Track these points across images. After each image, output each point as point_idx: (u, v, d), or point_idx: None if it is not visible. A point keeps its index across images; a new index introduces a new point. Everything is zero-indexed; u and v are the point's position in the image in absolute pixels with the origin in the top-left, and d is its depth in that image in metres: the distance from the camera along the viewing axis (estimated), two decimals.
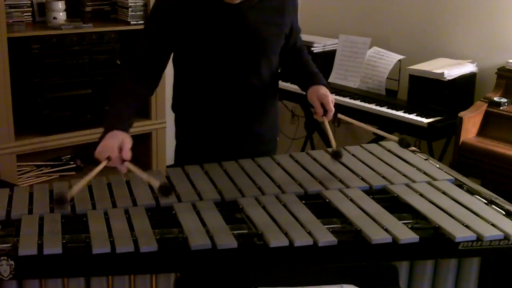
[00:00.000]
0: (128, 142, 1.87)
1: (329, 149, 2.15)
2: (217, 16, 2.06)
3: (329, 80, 3.84)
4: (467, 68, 3.34)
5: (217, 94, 2.15)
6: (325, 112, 2.09)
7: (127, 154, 1.83)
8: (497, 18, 3.35)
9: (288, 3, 2.17)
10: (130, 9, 3.68)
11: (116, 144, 1.83)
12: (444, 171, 2.09)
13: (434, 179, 2.01)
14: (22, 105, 3.54)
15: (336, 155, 2.07)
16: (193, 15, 2.06)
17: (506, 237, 1.67)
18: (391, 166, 2.10)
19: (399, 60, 3.59)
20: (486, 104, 3.11)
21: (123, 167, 1.83)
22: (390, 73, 3.58)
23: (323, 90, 2.13)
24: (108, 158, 1.80)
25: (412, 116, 3.23)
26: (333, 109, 2.10)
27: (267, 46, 2.15)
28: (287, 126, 4.37)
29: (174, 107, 2.29)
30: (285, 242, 1.60)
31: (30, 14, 3.60)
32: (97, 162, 1.81)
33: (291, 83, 2.26)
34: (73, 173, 3.76)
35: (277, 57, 2.22)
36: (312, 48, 3.84)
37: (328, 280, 1.54)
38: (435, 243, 1.68)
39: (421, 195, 1.89)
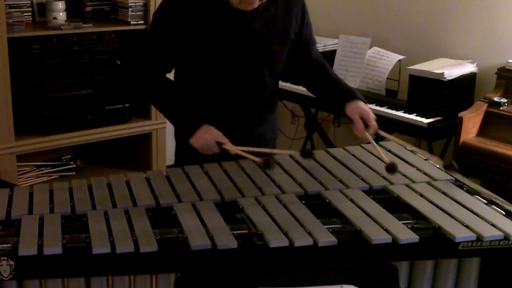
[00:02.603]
0: (218, 132, 2.04)
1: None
2: (221, 24, 2.05)
3: None
4: (467, 68, 3.34)
5: (218, 100, 2.15)
6: (366, 127, 2.09)
7: (226, 142, 2.03)
8: (497, 18, 3.35)
9: (295, 10, 2.15)
10: (130, 9, 3.68)
11: (217, 135, 2.02)
12: (444, 171, 2.09)
13: (434, 179, 2.01)
14: (22, 105, 3.54)
15: (392, 169, 2.01)
16: (197, 21, 2.05)
17: (506, 237, 1.67)
18: None
19: (399, 60, 3.59)
20: (486, 104, 3.11)
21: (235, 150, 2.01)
22: (390, 73, 3.58)
23: (363, 105, 2.13)
24: (220, 145, 2.01)
25: (412, 116, 3.23)
26: (376, 125, 2.09)
27: (271, 56, 2.15)
28: (287, 126, 4.37)
29: None
30: (285, 242, 1.60)
31: (30, 14, 3.60)
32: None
33: (318, 97, 2.15)
34: (73, 173, 3.76)
35: (282, 63, 2.21)
36: None
37: (328, 280, 1.54)
38: (435, 243, 1.68)
39: (421, 195, 1.89)
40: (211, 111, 2.16)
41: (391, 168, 1.99)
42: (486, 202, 1.88)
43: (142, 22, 3.72)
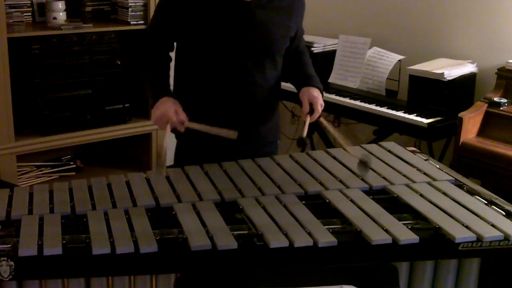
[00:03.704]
0: (179, 105, 2.02)
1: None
2: (225, 12, 2.07)
3: (329, 80, 3.84)
4: (467, 68, 3.34)
5: (221, 92, 2.14)
6: (311, 111, 2.11)
7: (183, 115, 2.00)
8: (497, 18, 3.35)
9: (296, 5, 2.18)
10: (130, 9, 3.68)
11: (172, 109, 1.99)
12: (444, 172, 2.09)
13: (434, 180, 2.01)
14: (22, 105, 3.54)
15: (301, 143, 2.05)
16: (201, 9, 2.06)
17: (506, 237, 1.67)
18: (391, 167, 2.11)
19: (399, 60, 3.59)
20: (486, 105, 3.11)
21: (183, 127, 2.00)
22: (390, 73, 3.57)
23: (315, 92, 2.15)
24: (168, 122, 1.97)
25: (412, 117, 3.22)
26: (320, 111, 2.12)
27: (274, 46, 2.15)
28: (287, 126, 4.37)
29: None
30: (285, 243, 1.60)
31: (30, 14, 3.60)
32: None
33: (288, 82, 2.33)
34: (73, 173, 3.76)
35: (281, 58, 2.22)
36: (312, 48, 3.84)
37: (328, 280, 1.54)
38: (435, 243, 1.68)
39: (421, 195, 1.89)
40: (214, 105, 2.16)
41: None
42: (486, 202, 1.88)
43: (142, 22, 3.72)
